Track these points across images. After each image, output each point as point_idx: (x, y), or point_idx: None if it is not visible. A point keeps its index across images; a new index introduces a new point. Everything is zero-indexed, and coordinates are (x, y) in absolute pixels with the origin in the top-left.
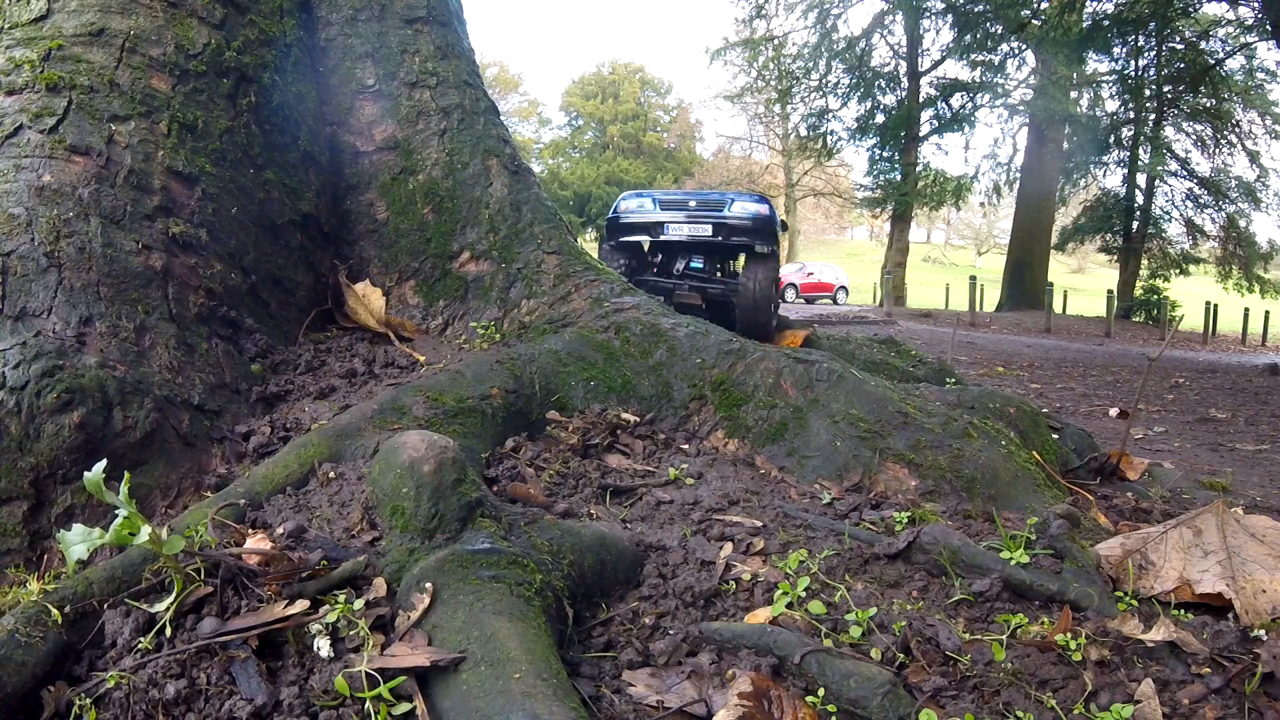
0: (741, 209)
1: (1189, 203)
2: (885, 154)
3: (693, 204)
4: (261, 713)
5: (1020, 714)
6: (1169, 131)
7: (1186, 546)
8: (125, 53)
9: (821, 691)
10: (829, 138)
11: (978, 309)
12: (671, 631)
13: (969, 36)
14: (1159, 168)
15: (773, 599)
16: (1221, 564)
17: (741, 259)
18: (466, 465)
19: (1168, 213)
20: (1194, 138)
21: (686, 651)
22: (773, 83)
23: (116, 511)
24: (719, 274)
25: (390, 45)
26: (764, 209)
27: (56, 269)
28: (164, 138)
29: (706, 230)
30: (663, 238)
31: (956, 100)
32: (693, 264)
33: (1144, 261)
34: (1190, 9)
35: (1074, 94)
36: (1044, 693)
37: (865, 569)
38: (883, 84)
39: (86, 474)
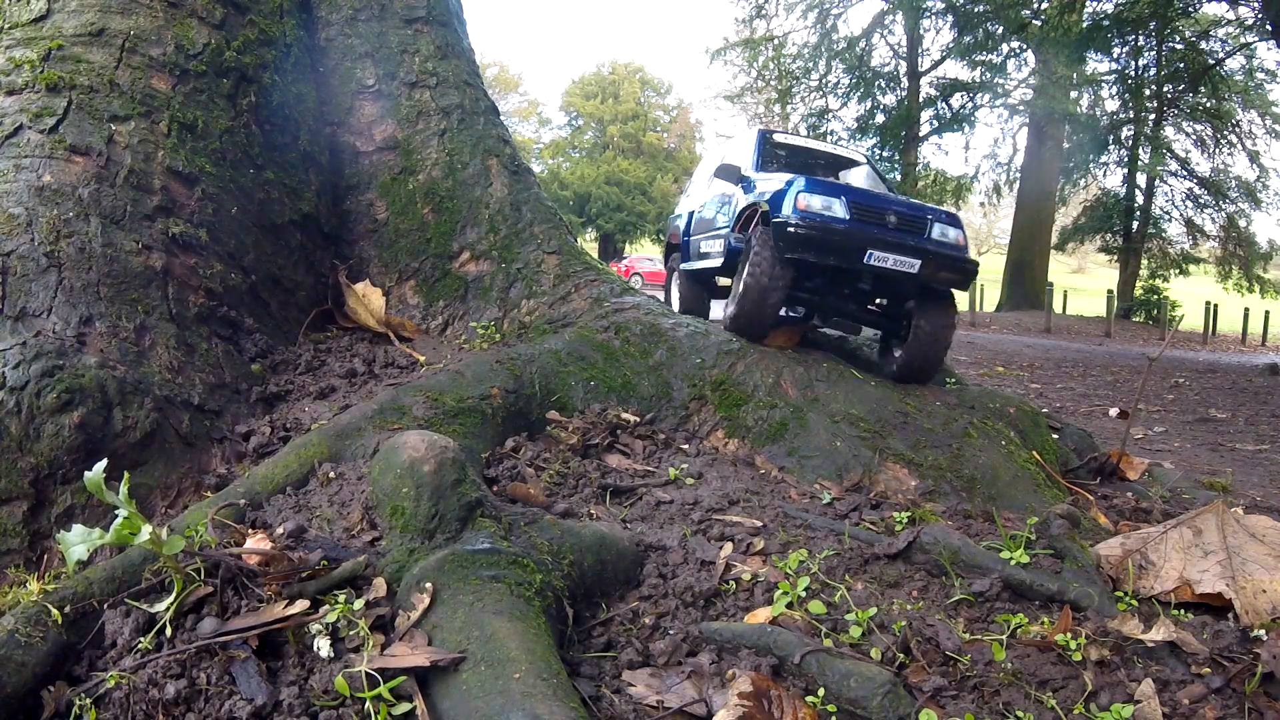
0: (942, 234)
1: (1189, 203)
2: (885, 154)
3: (892, 218)
4: (261, 713)
5: (1020, 714)
6: (1169, 131)
7: (1186, 546)
8: (125, 53)
9: (821, 691)
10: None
11: (978, 309)
12: (671, 631)
13: (969, 36)
14: (1159, 168)
15: (773, 599)
16: (1221, 564)
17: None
18: (466, 465)
19: (1168, 213)
20: (1194, 138)
21: (686, 651)
22: (773, 83)
23: (116, 511)
24: (883, 303)
25: (390, 45)
26: (962, 237)
27: (56, 269)
28: (164, 138)
29: (913, 265)
30: (860, 266)
31: (956, 100)
32: (861, 285)
33: (1144, 261)
34: (1190, 9)
35: (1074, 94)
36: (1044, 693)
37: (865, 569)
38: (883, 84)
39: (86, 474)
